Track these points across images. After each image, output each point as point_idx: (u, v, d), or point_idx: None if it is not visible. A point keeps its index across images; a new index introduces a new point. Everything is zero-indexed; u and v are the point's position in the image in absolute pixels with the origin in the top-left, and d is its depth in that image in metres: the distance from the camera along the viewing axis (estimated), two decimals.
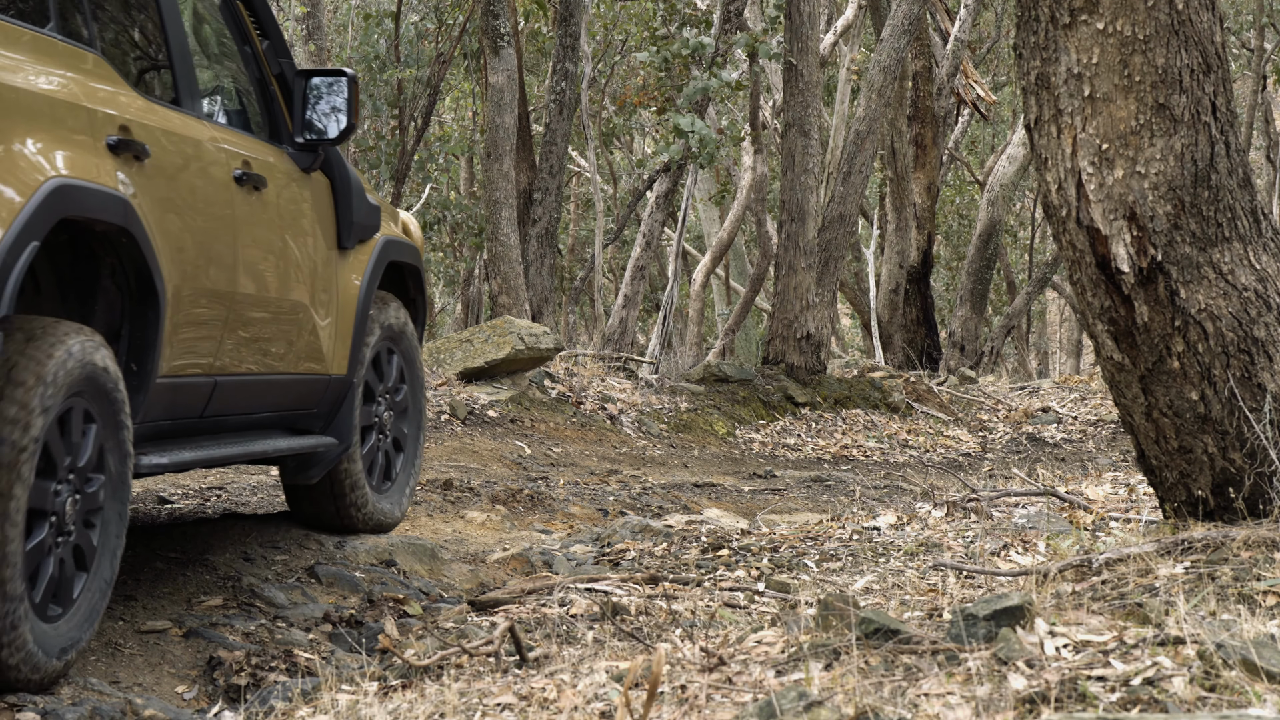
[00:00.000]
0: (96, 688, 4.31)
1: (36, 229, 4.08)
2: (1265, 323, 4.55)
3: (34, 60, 4.34)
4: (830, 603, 3.92)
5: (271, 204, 5.54)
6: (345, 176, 6.11)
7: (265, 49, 5.93)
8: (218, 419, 5.44)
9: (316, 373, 5.93)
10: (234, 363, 5.34)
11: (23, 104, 4.19)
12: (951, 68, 20.90)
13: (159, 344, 4.76)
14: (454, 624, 5.30)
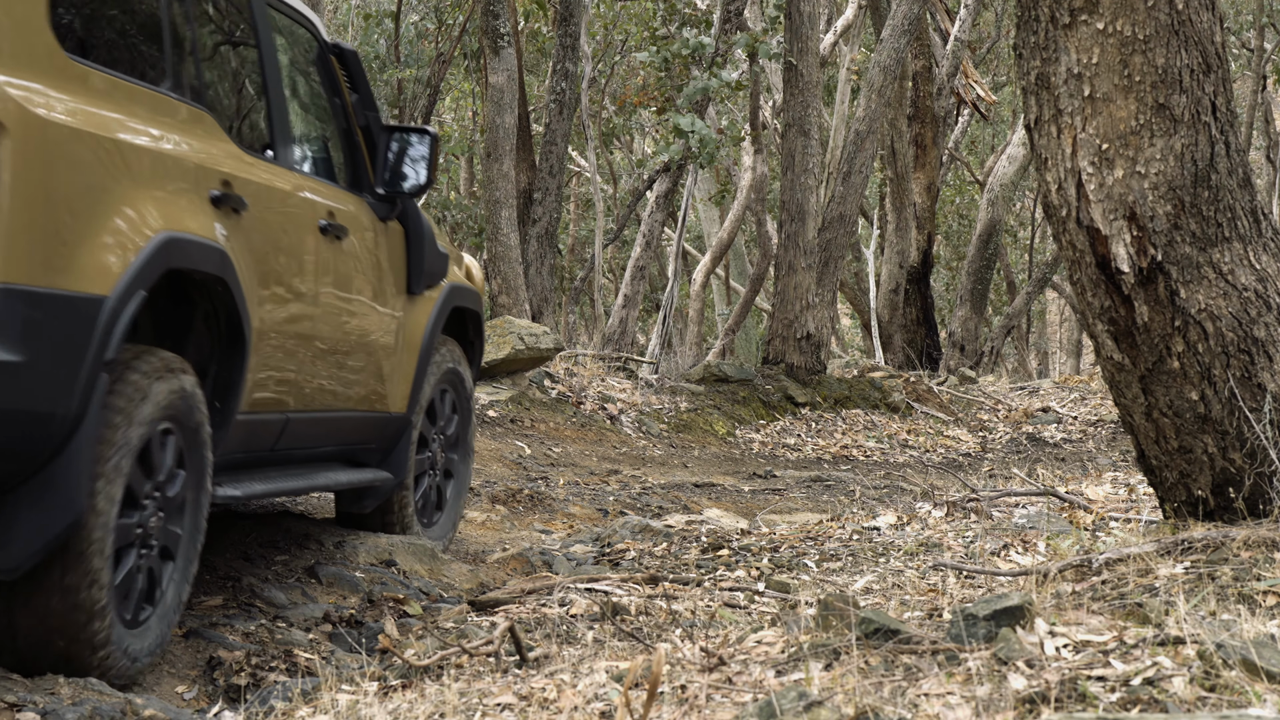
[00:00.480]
0: (96, 688, 4.31)
1: (145, 279, 4.41)
2: (1265, 323, 4.55)
3: (150, 118, 4.67)
4: (830, 603, 3.92)
5: (350, 252, 5.88)
6: (419, 226, 6.43)
7: (354, 102, 6.26)
8: (286, 452, 5.75)
9: (378, 411, 6.26)
10: (305, 401, 5.65)
11: (139, 161, 4.52)
12: (951, 68, 20.90)
13: (242, 384, 5.08)
14: (454, 624, 5.30)
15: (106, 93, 4.49)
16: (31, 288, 4.09)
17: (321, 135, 6.12)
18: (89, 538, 4.28)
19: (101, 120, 4.40)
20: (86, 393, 4.24)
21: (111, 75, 4.55)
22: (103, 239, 4.32)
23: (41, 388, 4.13)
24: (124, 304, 4.32)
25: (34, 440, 4.18)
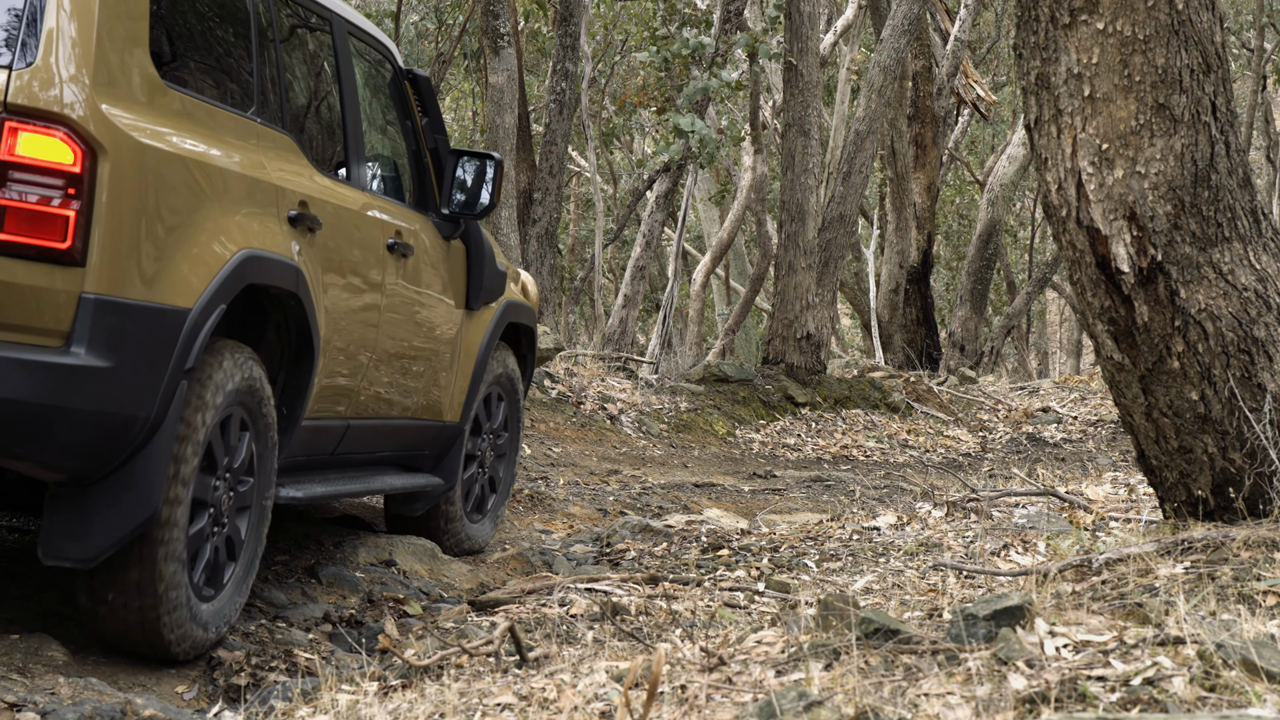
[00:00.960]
0: (96, 688, 4.31)
1: (225, 294, 4.74)
2: (1265, 323, 4.55)
3: (236, 142, 5.02)
4: (830, 603, 3.92)
5: (414, 270, 6.20)
6: (480, 246, 6.75)
7: (424, 125, 6.60)
8: (345, 456, 6.09)
9: (434, 419, 6.58)
10: (365, 409, 5.99)
11: (224, 183, 4.86)
12: (951, 68, 20.90)
13: (308, 392, 5.38)
14: (454, 624, 5.30)
15: (197, 118, 4.82)
16: (121, 299, 4.40)
17: (393, 156, 6.46)
18: (164, 530, 4.58)
19: (192, 145, 4.73)
20: (167, 398, 4.54)
21: (203, 101, 4.89)
22: (188, 255, 4.64)
23: (127, 392, 4.42)
24: (205, 316, 4.64)
25: (116, 440, 4.45)
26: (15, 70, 4.31)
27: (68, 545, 4.49)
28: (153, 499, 4.52)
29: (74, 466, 4.46)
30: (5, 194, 4.25)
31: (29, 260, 4.27)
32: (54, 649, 4.58)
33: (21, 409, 4.27)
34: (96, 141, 4.34)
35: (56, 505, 4.55)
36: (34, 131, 4.29)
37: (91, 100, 4.38)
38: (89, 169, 4.34)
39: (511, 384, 7.28)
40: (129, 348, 4.43)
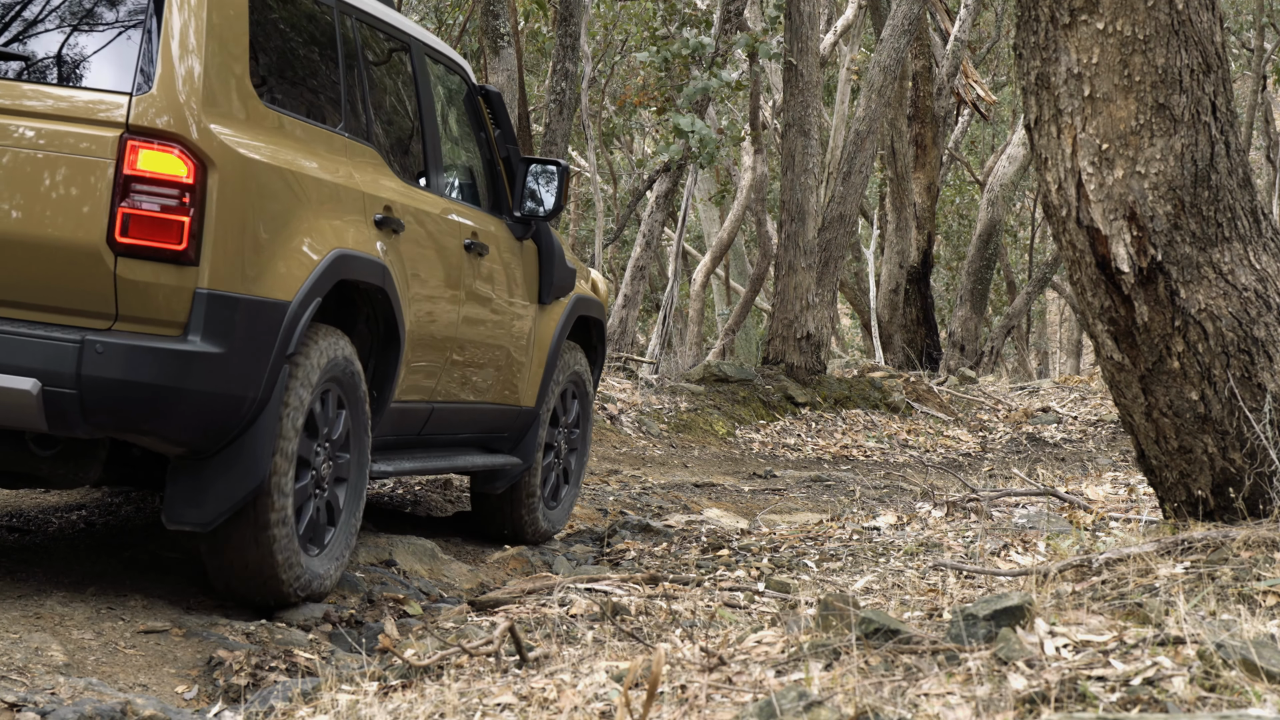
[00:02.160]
0: (96, 688, 4.31)
1: (321, 288, 5.34)
2: (1265, 323, 4.55)
3: (327, 154, 5.61)
4: (830, 603, 3.92)
5: (490, 267, 6.79)
6: (550, 245, 7.31)
7: (496, 136, 7.16)
8: (430, 437, 6.65)
9: (511, 404, 7.16)
10: (448, 393, 6.56)
11: (318, 190, 5.45)
12: (951, 68, 20.90)
13: (395, 377, 5.97)
14: (454, 624, 5.29)
15: (294, 134, 5.43)
16: (231, 293, 5.02)
17: (468, 165, 7.04)
18: (272, 495, 5.21)
19: (289, 157, 5.33)
20: (271, 380, 5.15)
21: (297, 119, 5.49)
22: (287, 254, 5.25)
23: (236, 375, 5.04)
24: (303, 308, 5.25)
25: (228, 418, 5.07)
26: (135, 96, 4.91)
27: (188, 511, 5.13)
28: (261, 469, 5.14)
29: (192, 441, 5.07)
30: (129, 204, 4.87)
31: (151, 261, 4.88)
32: (54, 649, 4.59)
33: (148, 390, 4.88)
34: (206, 156, 4.95)
35: (177, 477, 5.18)
36: (153, 149, 4.89)
37: (201, 120, 4.97)
38: (200, 180, 4.94)
39: (583, 384, 7.85)
40: (238, 336, 5.04)
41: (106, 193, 4.87)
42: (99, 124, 4.90)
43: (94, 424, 4.95)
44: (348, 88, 5.89)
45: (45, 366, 4.85)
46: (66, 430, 4.98)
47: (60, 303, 4.91)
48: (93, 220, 4.87)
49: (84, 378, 4.85)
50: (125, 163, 4.87)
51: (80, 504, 7.53)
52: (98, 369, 4.85)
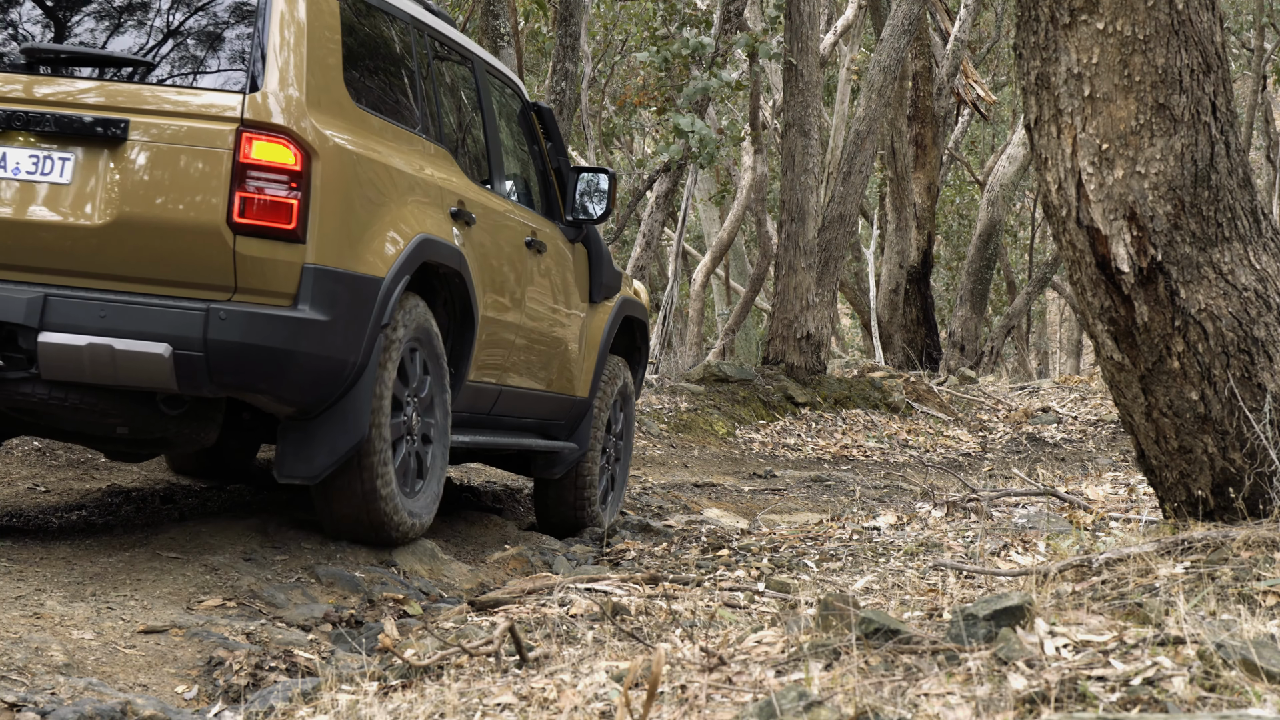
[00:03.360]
0: (96, 688, 4.31)
1: (409, 266, 6.03)
2: (1265, 323, 4.55)
3: (409, 151, 6.33)
4: (830, 603, 3.92)
5: (547, 264, 7.47)
6: (599, 249, 8.02)
7: (549, 148, 7.81)
8: (498, 417, 7.28)
9: (567, 393, 7.77)
10: (514, 378, 7.21)
11: (403, 181, 6.16)
12: (951, 68, 20.90)
13: (470, 355, 6.64)
14: (454, 624, 5.29)
15: (381, 132, 6.14)
16: (334, 268, 5.70)
17: (524, 173, 7.67)
18: (373, 446, 5.92)
19: (379, 151, 6.03)
20: (369, 346, 5.83)
21: (384, 120, 6.20)
22: (380, 235, 5.94)
23: (340, 341, 5.71)
24: (395, 283, 5.93)
25: (334, 380, 5.75)
26: (249, 95, 5.60)
27: (298, 466, 5.85)
28: (362, 426, 5.83)
29: (302, 399, 5.74)
30: (245, 188, 5.53)
31: (264, 239, 5.54)
32: (54, 649, 4.59)
33: (265, 352, 5.53)
34: (311, 147, 5.62)
35: (287, 434, 5.88)
36: (265, 140, 5.57)
37: (305, 116, 5.66)
38: (306, 168, 5.60)
39: (627, 397, 8.53)
40: (341, 306, 5.70)
41: (225, 179, 5.54)
42: (218, 120, 5.58)
43: (218, 383, 5.59)
44: (423, 95, 6.63)
45: (175, 332, 5.50)
46: (194, 390, 5.60)
47: (186, 277, 5.55)
48: (214, 204, 5.53)
49: (210, 341, 5.50)
50: (241, 153, 5.55)
51: (80, 504, 7.53)
52: (221, 333, 5.51)
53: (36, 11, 5.87)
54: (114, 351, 5.48)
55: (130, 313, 5.52)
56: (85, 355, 5.50)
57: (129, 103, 5.62)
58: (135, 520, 7.04)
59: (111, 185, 5.57)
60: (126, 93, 5.65)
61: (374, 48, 6.39)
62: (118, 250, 5.56)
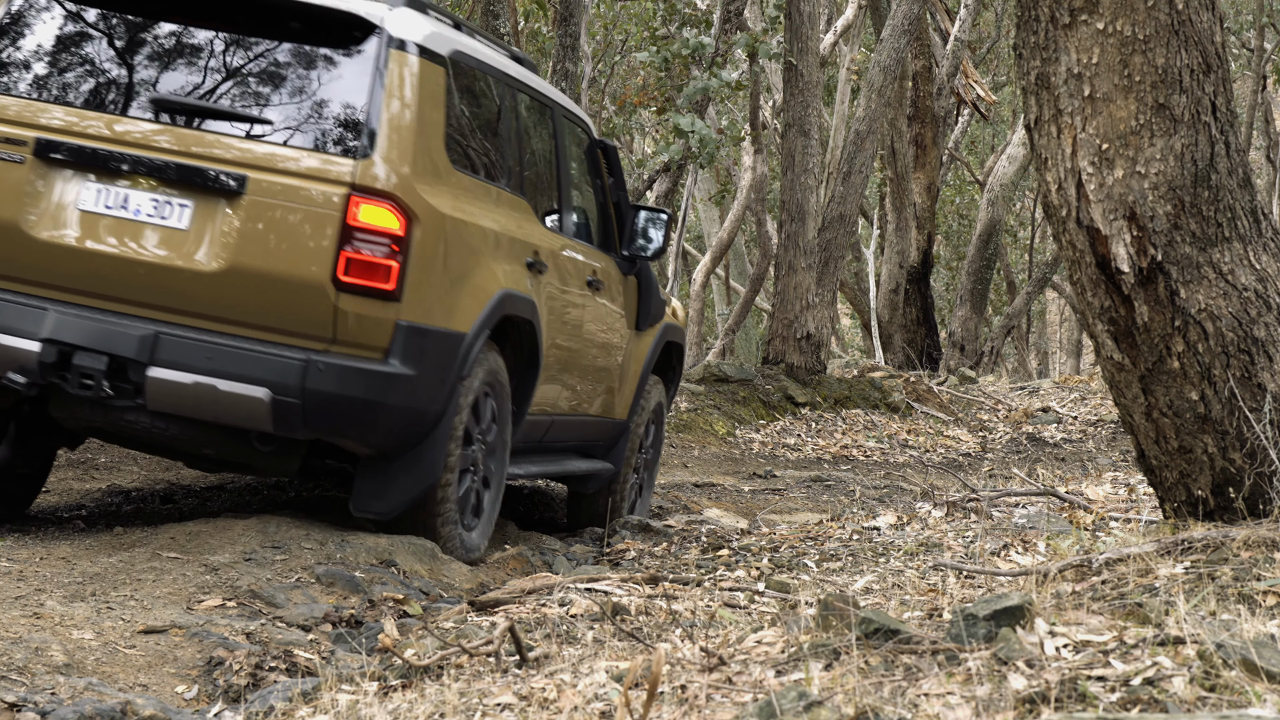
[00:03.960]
0: (96, 688, 4.31)
1: (490, 321, 6.39)
2: (1265, 323, 4.55)
3: (495, 207, 6.67)
4: (830, 603, 3.92)
5: (603, 300, 7.82)
6: (649, 281, 8.34)
7: (611, 184, 8.11)
8: (548, 444, 7.63)
9: (609, 416, 8.15)
10: (566, 407, 7.58)
11: (490, 239, 6.50)
12: (951, 68, 20.90)
13: (532, 395, 6.98)
14: (454, 624, 5.29)
15: (472, 191, 6.47)
16: (424, 325, 6.05)
17: (587, 209, 7.98)
18: (442, 490, 6.31)
19: (469, 211, 6.37)
20: (449, 397, 6.19)
21: (474, 179, 6.53)
22: (467, 292, 6.28)
23: (425, 393, 6.07)
24: (476, 338, 6.30)
25: (415, 427, 6.11)
26: (359, 161, 5.94)
27: (373, 503, 6.22)
28: (436, 470, 6.21)
29: (384, 445, 6.11)
30: (351, 249, 5.88)
31: (364, 296, 5.89)
32: (54, 649, 4.59)
33: (357, 403, 5.91)
34: (413, 212, 5.97)
35: (365, 474, 6.22)
36: (372, 204, 5.91)
37: (410, 182, 6.00)
38: (408, 232, 5.95)
39: (660, 414, 8.87)
40: (427, 360, 6.06)
41: (333, 239, 5.88)
42: (329, 182, 5.92)
43: (311, 427, 5.97)
44: (509, 149, 6.99)
45: (276, 379, 5.87)
46: (288, 431, 5.99)
47: (288, 326, 5.91)
48: (320, 260, 5.88)
49: (307, 390, 5.87)
50: (349, 215, 5.89)
51: (80, 504, 7.52)
52: (318, 384, 5.87)
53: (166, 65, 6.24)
54: (217, 392, 5.88)
55: (235, 356, 5.89)
56: (190, 393, 5.90)
57: (248, 159, 5.98)
58: (135, 520, 7.04)
59: (226, 235, 5.93)
60: (247, 149, 6.00)
61: (470, 109, 6.73)
62: (227, 296, 5.92)
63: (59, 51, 6.28)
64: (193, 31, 6.25)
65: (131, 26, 6.29)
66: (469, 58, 6.62)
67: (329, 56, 6.17)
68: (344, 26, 6.16)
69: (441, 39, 6.37)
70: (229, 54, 6.24)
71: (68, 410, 6.21)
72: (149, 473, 8.51)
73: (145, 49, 6.27)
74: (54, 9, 6.31)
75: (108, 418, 6.14)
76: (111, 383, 5.95)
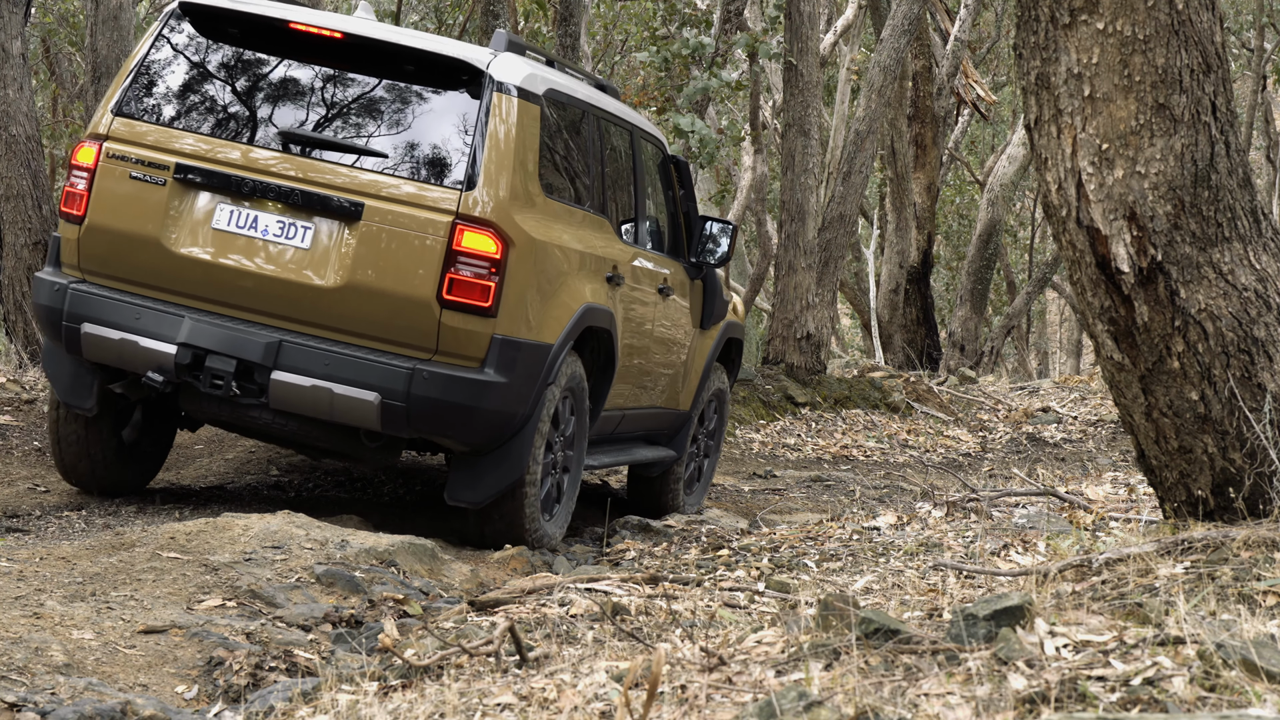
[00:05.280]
0: (96, 688, 4.31)
1: (574, 333, 7.14)
2: (1265, 323, 4.55)
3: (580, 228, 7.40)
4: (830, 603, 3.91)
5: (672, 304, 8.53)
6: (714, 285, 9.03)
7: (681, 196, 8.83)
8: (618, 435, 8.38)
9: (673, 408, 8.90)
10: (635, 402, 8.30)
11: (575, 258, 7.24)
12: (951, 68, 20.89)
13: (608, 394, 7.74)
14: (454, 624, 5.29)
15: (560, 216, 7.21)
16: (515, 338, 6.80)
17: (660, 219, 8.70)
18: (527, 484, 7.02)
19: (557, 234, 7.11)
20: (535, 401, 6.94)
21: (563, 204, 7.26)
22: (554, 307, 7.02)
23: (514, 398, 6.83)
24: (561, 349, 7.05)
25: (505, 428, 6.87)
26: (463, 192, 6.69)
27: (465, 493, 6.98)
28: (522, 466, 6.95)
29: (478, 443, 6.89)
30: (454, 270, 6.65)
31: (464, 313, 6.66)
32: (54, 649, 4.59)
33: (456, 407, 6.69)
34: (509, 238, 6.73)
35: (459, 467, 6.99)
36: (474, 231, 6.67)
37: (507, 211, 6.75)
38: (504, 256, 6.69)
39: (722, 400, 9.59)
40: (517, 369, 6.80)
41: (439, 261, 6.64)
42: (437, 211, 6.67)
43: (415, 428, 6.75)
44: (593, 172, 7.72)
45: (384, 384, 6.63)
46: (394, 431, 6.77)
47: (396, 337, 6.68)
48: (427, 280, 6.64)
49: (412, 395, 6.64)
50: (454, 240, 6.65)
51: (80, 504, 7.52)
52: (422, 389, 6.64)
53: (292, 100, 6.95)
54: (332, 394, 6.67)
55: (349, 364, 6.66)
56: (309, 395, 6.68)
57: (365, 188, 6.73)
58: (135, 520, 7.04)
59: (344, 255, 6.69)
60: (364, 179, 6.74)
61: (561, 139, 7.42)
62: (342, 309, 6.68)
63: (196, 85, 7.03)
64: (317, 71, 6.97)
65: (262, 65, 7.03)
66: (560, 93, 7.35)
67: (439, 97, 6.91)
68: (453, 71, 6.87)
69: (537, 79, 7.10)
70: (349, 92, 6.97)
71: (197, 405, 6.99)
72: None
73: (274, 85, 6.99)
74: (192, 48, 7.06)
75: (234, 414, 6.94)
76: (239, 383, 6.71)
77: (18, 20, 11.35)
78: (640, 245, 8.22)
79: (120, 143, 6.90)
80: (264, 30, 7.04)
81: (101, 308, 6.86)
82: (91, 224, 6.88)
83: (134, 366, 6.87)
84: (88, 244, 6.90)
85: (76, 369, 7.11)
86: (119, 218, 6.86)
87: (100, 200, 6.88)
